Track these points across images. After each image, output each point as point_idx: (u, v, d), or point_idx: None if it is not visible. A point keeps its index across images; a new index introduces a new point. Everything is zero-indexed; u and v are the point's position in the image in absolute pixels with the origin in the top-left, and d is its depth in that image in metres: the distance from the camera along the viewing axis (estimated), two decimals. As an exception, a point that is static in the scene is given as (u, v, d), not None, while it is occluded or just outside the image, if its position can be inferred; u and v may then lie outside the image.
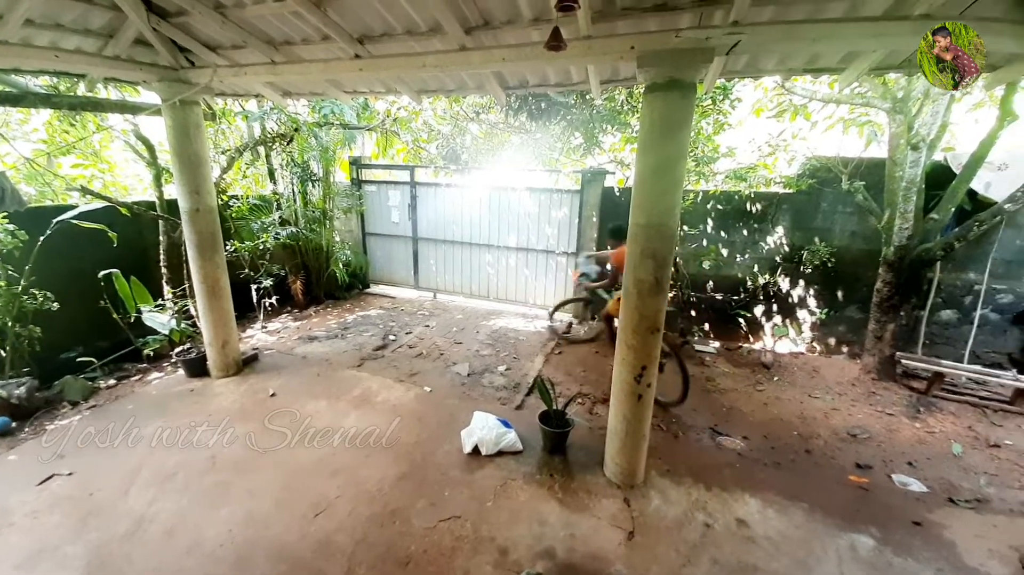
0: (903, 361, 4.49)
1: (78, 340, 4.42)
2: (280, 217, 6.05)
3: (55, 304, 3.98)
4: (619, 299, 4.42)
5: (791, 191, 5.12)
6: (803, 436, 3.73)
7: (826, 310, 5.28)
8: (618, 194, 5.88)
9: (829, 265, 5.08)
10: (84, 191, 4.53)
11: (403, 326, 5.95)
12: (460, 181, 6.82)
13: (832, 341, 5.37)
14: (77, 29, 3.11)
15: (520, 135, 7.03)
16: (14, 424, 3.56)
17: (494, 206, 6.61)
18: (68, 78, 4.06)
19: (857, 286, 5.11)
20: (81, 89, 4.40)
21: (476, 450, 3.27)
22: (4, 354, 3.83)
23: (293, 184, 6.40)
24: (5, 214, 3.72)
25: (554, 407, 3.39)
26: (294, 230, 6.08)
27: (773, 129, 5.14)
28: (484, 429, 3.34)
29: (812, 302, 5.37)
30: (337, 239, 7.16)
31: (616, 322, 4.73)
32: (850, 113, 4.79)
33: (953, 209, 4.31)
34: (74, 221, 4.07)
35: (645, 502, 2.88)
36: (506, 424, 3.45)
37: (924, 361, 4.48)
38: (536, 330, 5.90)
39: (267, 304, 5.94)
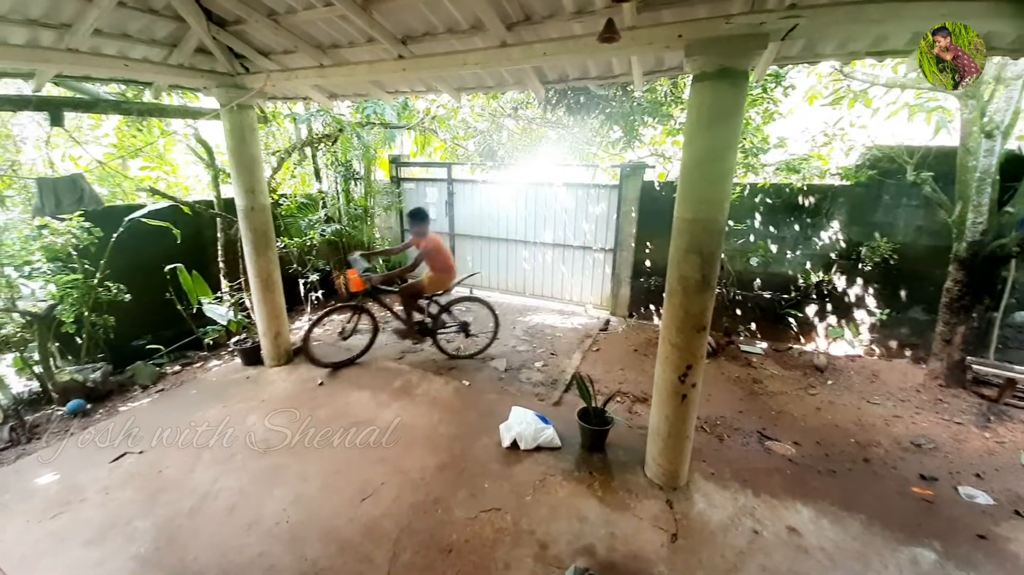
0: (974, 367, 4.15)
1: (146, 329, 4.78)
2: (325, 215, 6.29)
3: (127, 296, 4.31)
4: (429, 277, 4.50)
5: (848, 183, 4.81)
6: (861, 444, 3.52)
7: (887, 311, 4.94)
8: (658, 188, 5.73)
9: (891, 262, 4.75)
10: (153, 191, 4.88)
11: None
12: (497, 177, 6.85)
13: (894, 344, 5.03)
14: (143, 39, 3.34)
15: (557, 130, 6.97)
16: (89, 406, 3.90)
17: (530, 202, 6.59)
18: (135, 86, 4.36)
19: (922, 285, 4.75)
20: (147, 96, 4.72)
21: (514, 444, 3.29)
22: (81, 341, 4.19)
23: (337, 183, 6.64)
24: (81, 213, 4.05)
25: (593, 404, 3.35)
26: (338, 227, 6.30)
27: (828, 117, 4.81)
28: (522, 424, 3.35)
29: (871, 302, 5.04)
30: (378, 235, 7.36)
31: (421, 298, 4.57)
32: (916, 98, 4.43)
33: (1032, 202, 3.95)
34: (143, 219, 4.40)
35: (688, 504, 2.81)
36: (544, 420, 3.45)
37: (996, 366, 4.13)
38: (573, 326, 5.85)
39: (313, 297, 6.20)
